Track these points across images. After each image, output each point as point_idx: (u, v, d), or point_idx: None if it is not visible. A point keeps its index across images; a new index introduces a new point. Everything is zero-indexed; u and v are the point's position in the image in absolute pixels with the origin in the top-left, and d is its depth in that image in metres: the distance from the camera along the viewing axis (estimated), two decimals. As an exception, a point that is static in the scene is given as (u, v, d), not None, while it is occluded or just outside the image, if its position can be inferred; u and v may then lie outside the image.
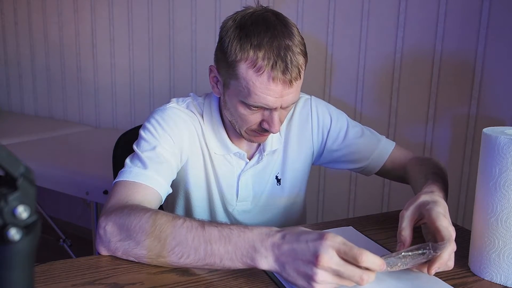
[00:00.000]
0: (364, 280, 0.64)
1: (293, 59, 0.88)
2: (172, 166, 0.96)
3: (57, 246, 2.32)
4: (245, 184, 1.08)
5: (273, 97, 0.89)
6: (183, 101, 1.06)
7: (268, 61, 0.87)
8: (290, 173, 1.12)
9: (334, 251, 0.64)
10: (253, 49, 0.87)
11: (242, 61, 0.89)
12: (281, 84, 0.88)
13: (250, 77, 0.88)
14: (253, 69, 0.88)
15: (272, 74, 0.87)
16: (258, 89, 0.89)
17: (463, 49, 1.70)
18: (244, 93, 0.91)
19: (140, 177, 0.89)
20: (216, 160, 1.06)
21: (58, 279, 0.73)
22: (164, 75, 2.52)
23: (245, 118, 0.95)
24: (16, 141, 2.45)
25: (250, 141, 1.02)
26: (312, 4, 1.99)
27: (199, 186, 1.07)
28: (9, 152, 0.37)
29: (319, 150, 1.15)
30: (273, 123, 0.93)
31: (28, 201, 0.37)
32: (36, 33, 3.03)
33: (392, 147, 1.14)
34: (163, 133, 0.97)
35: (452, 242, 0.74)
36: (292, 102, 0.94)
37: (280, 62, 0.87)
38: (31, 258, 0.39)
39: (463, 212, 1.78)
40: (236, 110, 0.95)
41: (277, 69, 0.87)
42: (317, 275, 0.64)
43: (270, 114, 0.93)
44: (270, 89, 0.88)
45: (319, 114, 1.12)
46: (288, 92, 0.91)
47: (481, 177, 0.79)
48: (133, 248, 0.76)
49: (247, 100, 0.91)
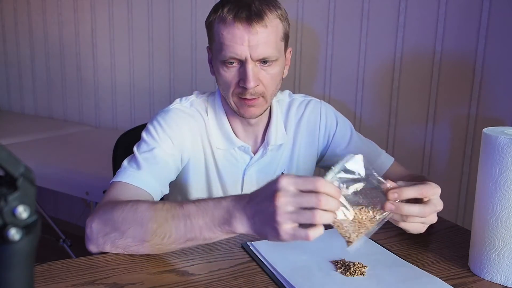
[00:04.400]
0: (322, 202, 0.62)
1: (258, 10, 0.92)
2: (169, 167, 0.97)
3: (57, 246, 2.32)
4: (250, 178, 1.09)
5: (239, 44, 0.92)
6: (187, 99, 1.07)
7: (231, 11, 0.92)
8: (296, 171, 1.13)
9: (290, 185, 0.64)
10: (222, 7, 0.94)
11: (214, 20, 0.96)
12: (244, 29, 0.91)
13: (219, 30, 0.94)
14: (221, 22, 0.94)
15: (234, 21, 0.92)
16: (225, 38, 0.93)
17: (463, 49, 1.70)
18: (218, 49, 0.95)
19: (132, 178, 0.91)
20: (219, 157, 1.07)
21: (58, 279, 0.73)
22: (164, 75, 2.52)
23: (226, 79, 0.97)
24: (16, 141, 2.45)
25: (241, 115, 1.01)
26: (312, 4, 1.99)
27: (199, 185, 1.08)
28: (9, 152, 0.37)
29: (322, 153, 1.16)
30: (247, 77, 0.93)
31: (28, 201, 0.37)
32: (36, 33, 3.03)
33: (390, 163, 1.14)
34: (163, 135, 0.98)
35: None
36: (263, 54, 0.93)
37: (242, 9, 0.92)
38: (31, 258, 0.39)
39: (463, 212, 1.78)
40: (219, 74, 0.97)
41: (239, 15, 0.92)
42: (277, 211, 0.63)
43: (244, 69, 0.94)
44: (235, 36, 0.92)
45: (328, 117, 1.14)
46: (255, 40, 0.92)
47: (481, 177, 0.79)
48: (119, 239, 0.79)
49: (221, 55, 0.94)
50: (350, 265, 0.78)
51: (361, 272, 0.77)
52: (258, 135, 1.09)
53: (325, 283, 0.74)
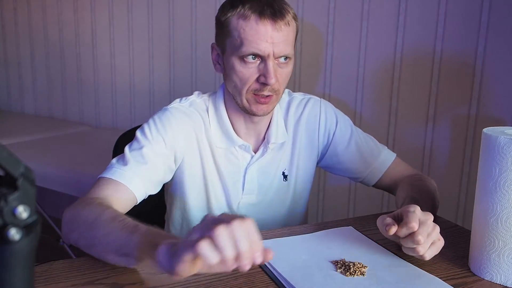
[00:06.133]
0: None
1: (281, 8, 0.94)
2: (157, 168, 0.96)
3: (57, 246, 2.32)
4: (251, 177, 1.08)
5: (263, 41, 0.92)
6: (186, 99, 1.07)
7: (255, 9, 0.93)
8: (297, 170, 1.13)
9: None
10: (241, 3, 0.94)
11: (232, 16, 0.95)
12: (270, 26, 0.92)
13: (240, 25, 0.93)
14: (242, 18, 0.93)
15: (260, 18, 0.92)
16: (248, 34, 0.92)
17: (463, 49, 1.70)
18: (237, 45, 0.94)
19: (116, 175, 0.91)
20: (219, 156, 1.06)
21: (58, 279, 0.73)
22: (164, 75, 2.52)
23: (243, 76, 0.96)
24: (16, 141, 2.45)
25: (252, 112, 1.00)
26: (312, 4, 1.99)
27: (196, 186, 1.07)
28: (9, 152, 0.37)
29: (322, 152, 1.16)
30: (269, 73, 0.94)
31: (28, 201, 0.38)
32: (36, 33, 3.03)
33: (391, 160, 1.15)
34: (156, 134, 0.98)
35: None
36: (284, 51, 0.95)
37: (266, 7, 0.93)
38: (31, 258, 0.39)
39: (463, 212, 1.78)
40: (234, 70, 0.96)
41: (263, 12, 0.92)
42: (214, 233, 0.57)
43: (265, 65, 0.94)
44: (260, 32, 0.92)
45: (327, 116, 1.14)
46: (278, 38, 0.93)
47: (481, 177, 0.79)
48: (77, 239, 0.81)
49: (241, 51, 0.93)
50: (350, 265, 0.78)
51: (361, 272, 0.77)
52: (260, 133, 1.09)
53: (325, 283, 0.74)
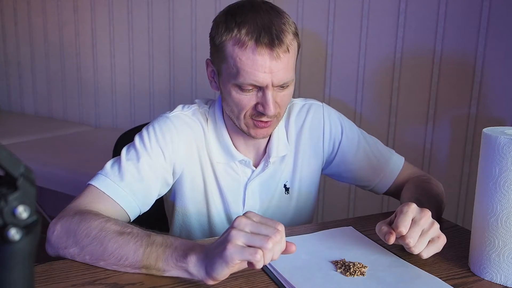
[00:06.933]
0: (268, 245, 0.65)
1: (279, 32, 0.86)
2: (153, 183, 0.93)
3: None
4: (251, 193, 1.04)
5: (261, 72, 0.86)
6: (189, 108, 1.03)
7: (252, 35, 0.85)
8: (299, 182, 1.08)
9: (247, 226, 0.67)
10: (237, 27, 0.86)
11: (228, 40, 0.88)
12: (267, 56, 0.85)
13: (236, 54, 0.87)
14: (237, 45, 0.86)
15: (257, 47, 0.85)
16: (245, 64, 0.86)
17: (463, 49, 1.70)
18: (234, 73, 0.88)
19: (111, 190, 0.89)
20: (219, 171, 1.02)
21: (58, 279, 0.73)
22: (164, 74, 2.52)
23: (239, 103, 0.91)
24: (16, 141, 2.45)
25: (250, 135, 0.96)
26: (312, 4, 1.99)
27: (197, 200, 1.03)
28: (9, 152, 0.37)
29: (328, 160, 1.11)
30: (267, 104, 0.88)
31: (28, 201, 0.37)
32: (36, 33, 3.03)
33: (401, 165, 1.11)
34: (155, 145, 0.94)
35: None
36: (283, 80, 0.89)
37: (264, 34, 0.85)
38: (31, 258, 0.39)
39: (463, 212, 1.78)
40: (231, 96, 0.91)
41: (261, 41, 0.85)
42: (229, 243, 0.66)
43: (263, 95, 0.89)
44: (257, 63, 0.85)
45: (332, 123, 1.08)
46: (277, 67, 0.87)
47: (481, 177, 0.79)
48: (78, 254, 0.78)
49: (237, 80, 0.88)
50: (350, 265, 0.78)
51: (361, 272, 0.77)
52: (260, 147, 1.04)
53: (325, 283, 0.74)
